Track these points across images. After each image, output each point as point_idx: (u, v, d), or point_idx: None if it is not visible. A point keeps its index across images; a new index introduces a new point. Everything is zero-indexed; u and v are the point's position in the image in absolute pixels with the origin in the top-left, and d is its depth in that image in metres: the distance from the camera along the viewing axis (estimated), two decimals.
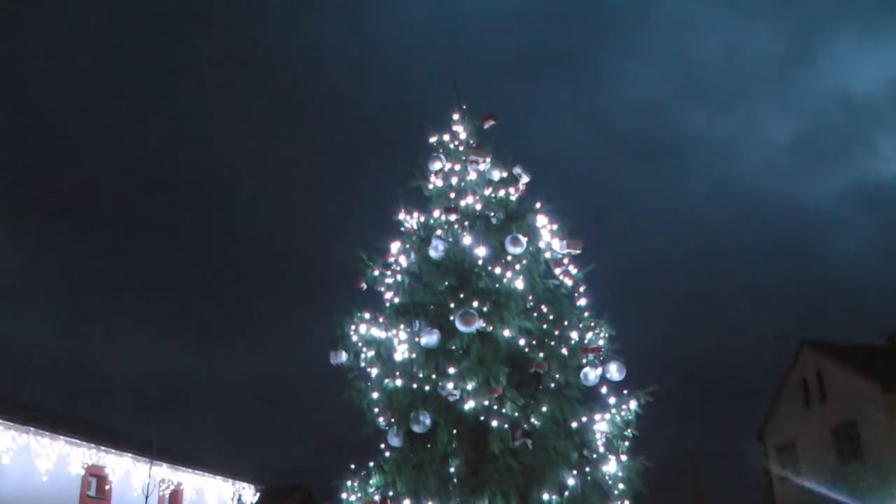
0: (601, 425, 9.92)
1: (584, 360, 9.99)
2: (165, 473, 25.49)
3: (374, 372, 10.31)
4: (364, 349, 10.41)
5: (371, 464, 10.14)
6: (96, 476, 23.74)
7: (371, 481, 10.01)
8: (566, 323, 10.40)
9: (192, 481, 27.05)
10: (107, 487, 23.97)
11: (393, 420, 9.92)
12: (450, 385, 9.42)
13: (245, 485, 29.47)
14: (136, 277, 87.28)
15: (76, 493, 23.10)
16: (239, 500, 29.22)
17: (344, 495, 10.09)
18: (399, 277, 10.73)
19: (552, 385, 10.01)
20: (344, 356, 10.32)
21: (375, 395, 10.16)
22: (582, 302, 10.71)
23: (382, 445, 10.18)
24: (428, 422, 9.47)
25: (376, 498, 9.73)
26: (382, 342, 10.37)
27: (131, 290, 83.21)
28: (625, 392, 10.18)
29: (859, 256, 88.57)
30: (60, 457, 21.89)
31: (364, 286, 10.76)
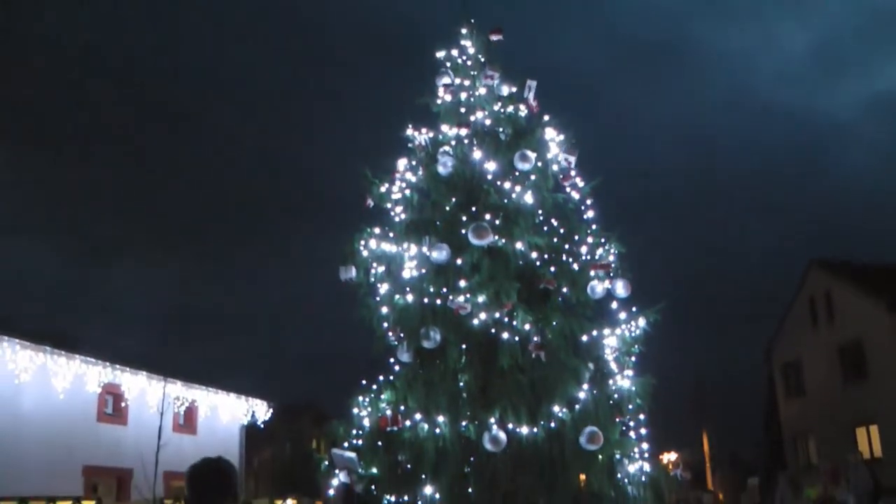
0: (610, 340, 10.00)
1: (593, 275, 10.03)
2: (180, 391, 25.88)
3: (383, 288, 10.36)
4: (374, 265, 10.45)
5: (382, 380, 10.26)
6: (112, 394, 24.13)
7: (382, 397, 10.12)
8: (576, 238, 10.43)
9: (205, 399, 27.47)
10: (123, 405, 24.37)
11: (403, 336, 9.98)
12: (461, 299, 9.49)
13: (258, 402, 29.89)
14: (142, 201, 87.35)
15: (93, 410, 23.52)
16: (252, 416, 29.69)
17: (356, 411, 10.23)
18: (408, 193, 10.71)
19: (562, 301, 10.06)
20: (353, 272, 10.35)
21: (385, 310, 10.23)
22: (590, 215, 10.69)
23: (393, 361, 10.27)
24: (438, 337, 9.53)
25: (388, 413, 9.83)
26: (392, 258, 10.38)
27: (138, 215, 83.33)
28: (633, 309, 10.23)
29: (875, 171, 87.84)
30: (77, 376, 22.21)
31: (371, 203, 10.75)
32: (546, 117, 10.90)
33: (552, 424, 9.28)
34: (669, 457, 37.36)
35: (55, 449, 20.77)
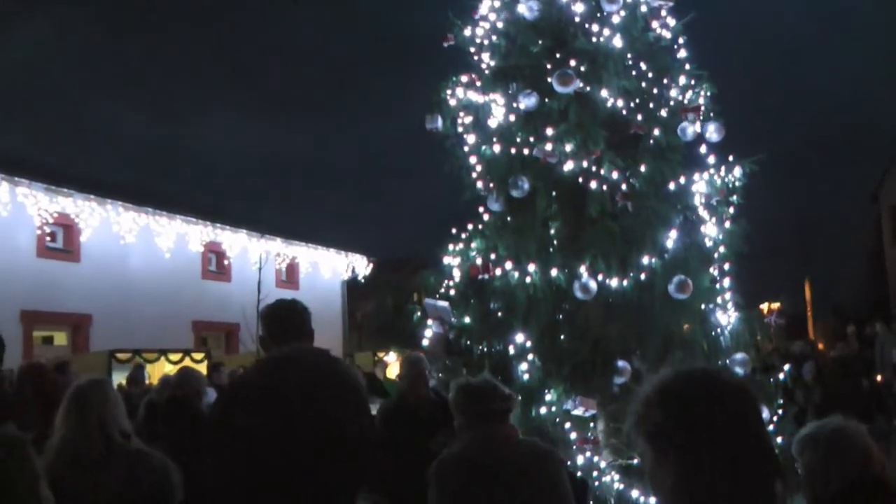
0: (700, 186, 9.74)
1: (684, 118, 9.71)
2: (280, 248, 26.66)
3: (471, 138, 10.24)
4: (461, 115, 10.32)
5: (472, 228, 10.28)
6: (215, 252, 25.02)
7: (472, 246, 10.16)
8: (665, 81, 10.05)
9: (306, 255, 28.24)
10: (226, 262, 25.29)
11: (492, 186, 9.92)
12: (548, 147, 9.33)
13: (358, 257, 30.56)
14: (222, 58, 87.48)
15: (198, 269, 24.50)
16: (353, 272, 30.45)
17: (446, 260, 10.31)
18: (494, 39, 10.42)
19: (652, 144, 9.78)
20: (439, 121, 10.25)
21: (474, 160, 10.14)
22: (682, 55, 10.24)
23: (482, 210, 10.26)
24: (526, 186, 9.43)
25: (478, 262, 9.89)
26: (480, 107, 10.22)
27: (221, 72, 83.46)
28: (730, 158, 9.91)
29: None
30: (179, 235, 23.07)
31: (453, 42, 10.50)
32: None
33: (642, 274, 9.21)
34: (770, 305, 36.97)
35: (164, 305, 21.82)
